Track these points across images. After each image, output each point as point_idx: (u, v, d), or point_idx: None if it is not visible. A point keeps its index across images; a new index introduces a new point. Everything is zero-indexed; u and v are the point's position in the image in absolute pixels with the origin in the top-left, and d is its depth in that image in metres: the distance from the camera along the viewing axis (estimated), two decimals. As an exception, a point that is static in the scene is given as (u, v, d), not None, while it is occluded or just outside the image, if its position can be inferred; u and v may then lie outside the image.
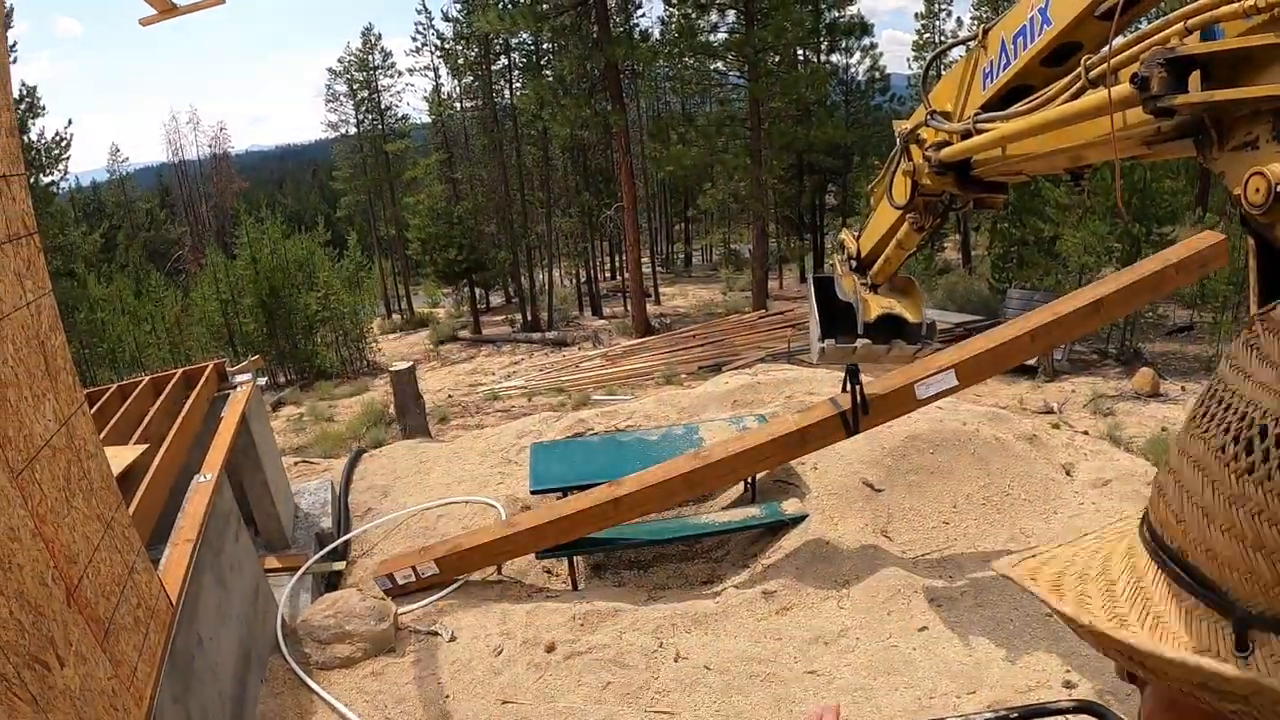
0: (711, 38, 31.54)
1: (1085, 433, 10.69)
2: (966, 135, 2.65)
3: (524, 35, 35.03)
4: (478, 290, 40.75)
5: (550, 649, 5.34)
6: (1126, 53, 1.53)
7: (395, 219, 45.78)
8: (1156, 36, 1.45)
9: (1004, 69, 2.50)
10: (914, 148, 3.17)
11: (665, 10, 33.60)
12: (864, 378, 5.70)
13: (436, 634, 5.66)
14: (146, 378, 7.04)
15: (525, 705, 4.85)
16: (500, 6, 32.27)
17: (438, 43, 39.40)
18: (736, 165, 31.93)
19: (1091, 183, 19.04)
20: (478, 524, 7.42)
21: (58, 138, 35.24)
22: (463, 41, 37.51)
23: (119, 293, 32.54)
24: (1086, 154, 2.06)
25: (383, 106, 45.76)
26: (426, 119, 44.56)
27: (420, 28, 46.67)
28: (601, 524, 6.25)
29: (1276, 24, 1.21)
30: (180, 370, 7.09)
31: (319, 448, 14.56)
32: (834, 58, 36.44)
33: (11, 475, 2.61)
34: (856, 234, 4.77)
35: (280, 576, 6.45)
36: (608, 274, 45.16)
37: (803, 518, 6.57)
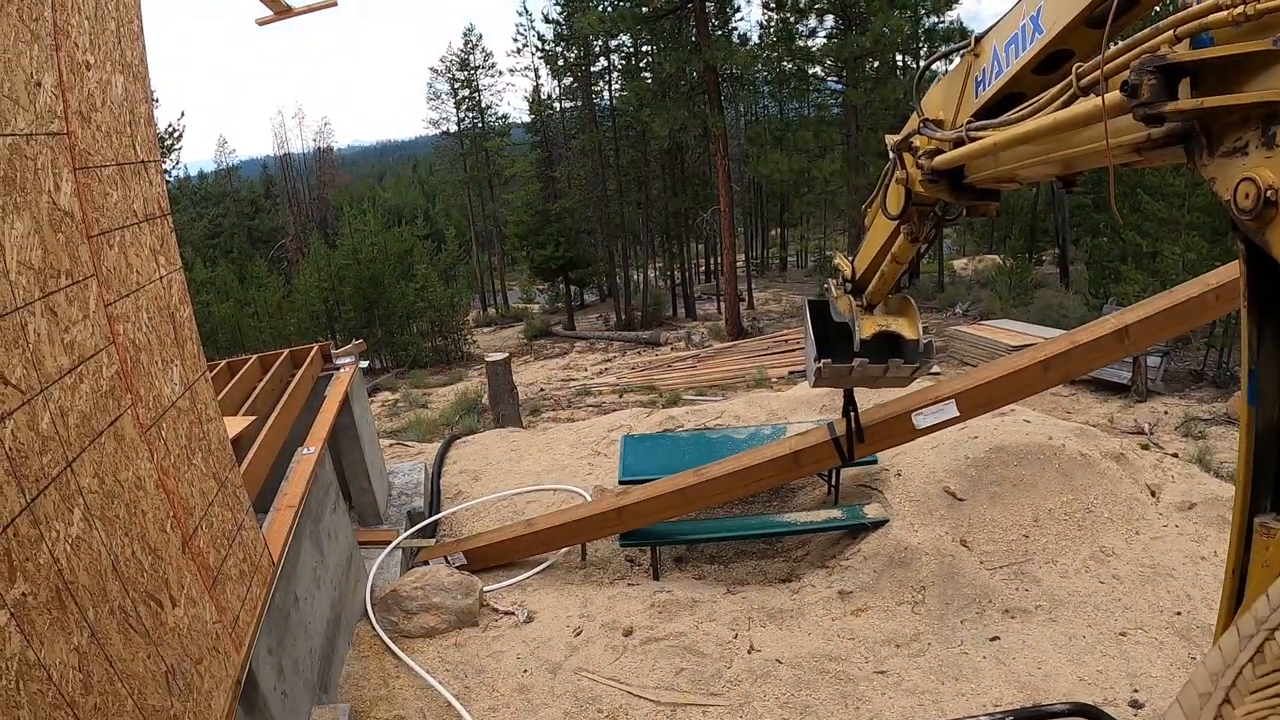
0: (809, 42, 31.40)
1: (1175, 455, 10.35)
2: (959, 143, 2.65)
3: (624, 37, 35.33)
4: (572, 287, 41.24)
5: (628, 633, 5.49)
6: (1117, 60, 1.55)
7: (493, 215, 46.59)
8: (1147, 45, 1.47)
9: (996, 76, 2.50)
10: (907, 156, 3.15)
11: (764, 14, 33.55)
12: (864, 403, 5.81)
13: (512, 613, 5.85)
14: (254, 356, 7.41)
15: (600, 683, 5.01)
16: (601, 9, 32.64)
17: (538, 44, 40.05)
18: (833, 171, 31.68)
19: (1193, 198, 18.40)
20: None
21: (170, 129, 36.86)
22: (563, 43, 37.99)
23: (223, 277, 33.90)
24: (1078, 161, 2.05)
25: (483, 105, 46.63)
26: (526, 118, 45.30)
27: (521, 29, 47.56)
28: (602, 532, 6.60)
29: (1265, 31, 1.24)
30: (287, 350, 7.45)
31: (413, 432, 15.01)
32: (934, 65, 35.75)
33: (141, 430, 2.88)
34: (850, 257, 4.75)
35: (371, 549, 6.73)
36: (702, 275, 45.17)
37: (883, 522, 6.57)
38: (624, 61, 37.61)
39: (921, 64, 3.32)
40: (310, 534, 5.08)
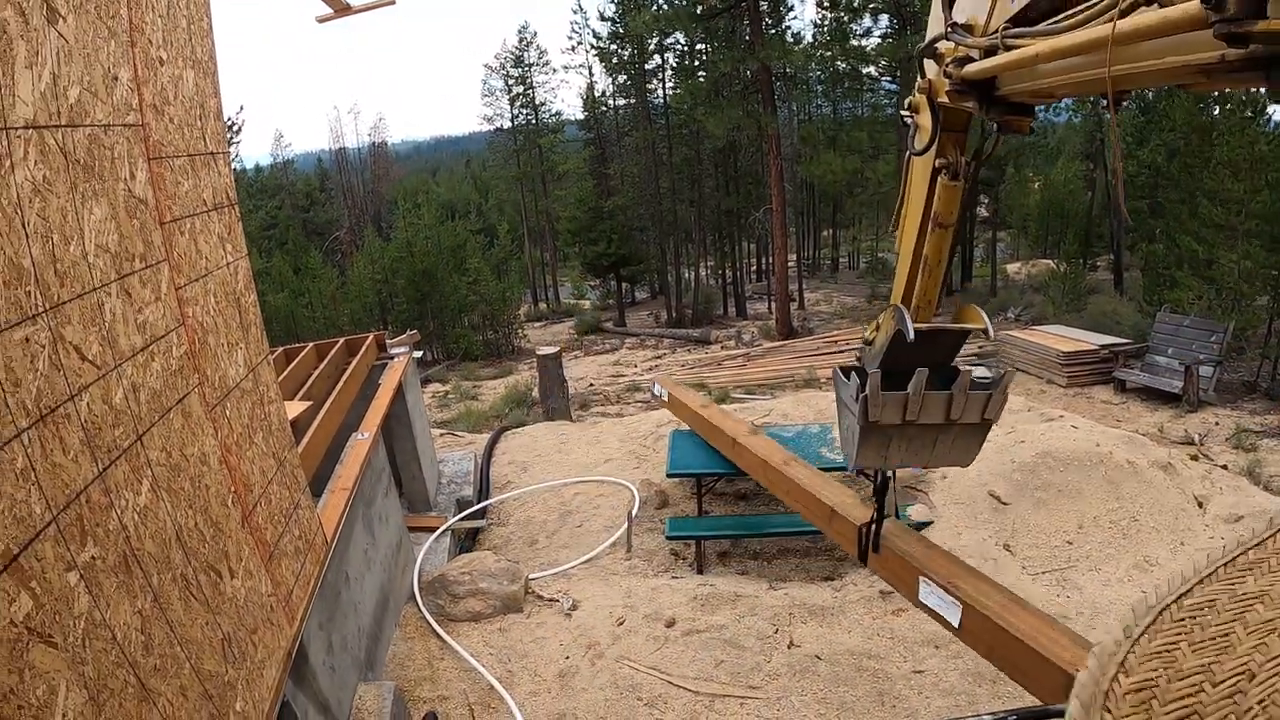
0: (863, 42, 31.18)
1: (1224, 467, 10.16)
2: (992, 51, 2.34)
3: (678, 36, 35.35)
4: (624, 284, 41.35)
5: (670, 624, 5.57)
6: None
7: (545, 211, 46.86)
8: None
9: None
10: (930, 63, 2.83)
11: (818, 13, 33.34)
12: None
13: (556, 601, 5.96)
14: (311, 344, 7.61)
15: (640, 671, 5.09)
16: (655, 8, 32.71)
17: (593, 41, 40.22)
18: (887, 172, 31.42)
19: (1251, 205, 17.80)
20: (611, 504, 7.73)
21: (230, 123, 37.65)
22: (617, 41, 38.10)
23: (279, 268, 34.51)
24: (1135, 79, 1.78)
25: (537, 102, 46.91)
26: (580, 115, 45.51)
27: (575, 27, 47.62)
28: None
29: None
30: (343, 339, 7.63)
31: (463, 423, 15.23)
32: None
33: (207, 409, 3.02)
34: (876, 321, 3.77)
35: (420, 535, 6.88)
36: (754, 275, 45.03)
37: (928, 524, 6.57)
38: (678, 60, 37.60)
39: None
40: (362, 516, 5.23)
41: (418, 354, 8.32)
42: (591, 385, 22.81)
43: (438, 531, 6.95)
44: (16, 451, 1.93)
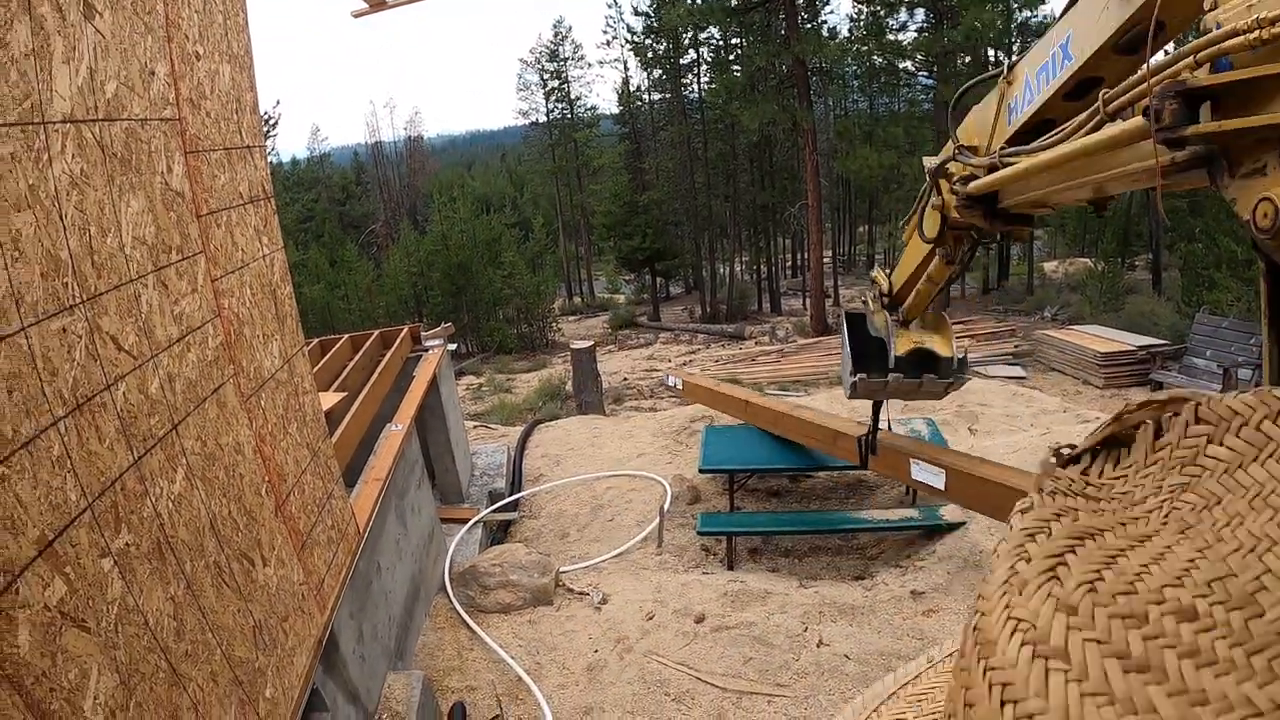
0: (900, 36, 30.91)
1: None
2: (993, 169, 2.67)
3: (712, 30, 35.25)
4: (658, 279, 41.37)
5: (699, 620, 5.57)
6: (1142, 87, 1.57)
7: (580, 205, 46.96)
8: (1169, 70, 1.49)
9: (1028, 103, 2.53)
10: (943, 182, 3.19)
11: (854, 7, 33.13)
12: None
13: (586, 595, 5.98)
14: (345, 336, 7.69)
15: (669, 666, 5.10)
16: (690, 2, 32.63)
17: (627, 36, 40.15)
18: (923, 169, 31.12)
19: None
20: (643, 498, 7.75)
21: (267, 116, 38.06)
22: (652, 35, 38.05)
23: (315, 261, 34.86)
24: (1108, 185, 2.10)
25: (572, 96, 46.98)
26: (615, 109, 45.56)
27: (610, 21, 47.55)
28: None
29: None
30: (378, 331, 7.70)
31: (496, 416, 15.31)
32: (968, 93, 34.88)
33: (242, 399, 3.06)
34: (888, 272, 4.75)
35: (452, 526, 6.94)
36: (789, 271, 44.86)
37: (960, 524, 6.52)
38: (713, 54, 37.51)
39: (957, 92, 3.29)
40: (395, 507, 5.28)
41: (452, 346, 8.38)
42: (625, 380, 22.85)
43: (470, 523, 7.00)
44: (53, 439, 1.97)
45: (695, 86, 38.54)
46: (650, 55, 38.84)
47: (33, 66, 2.04)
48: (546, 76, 46.93)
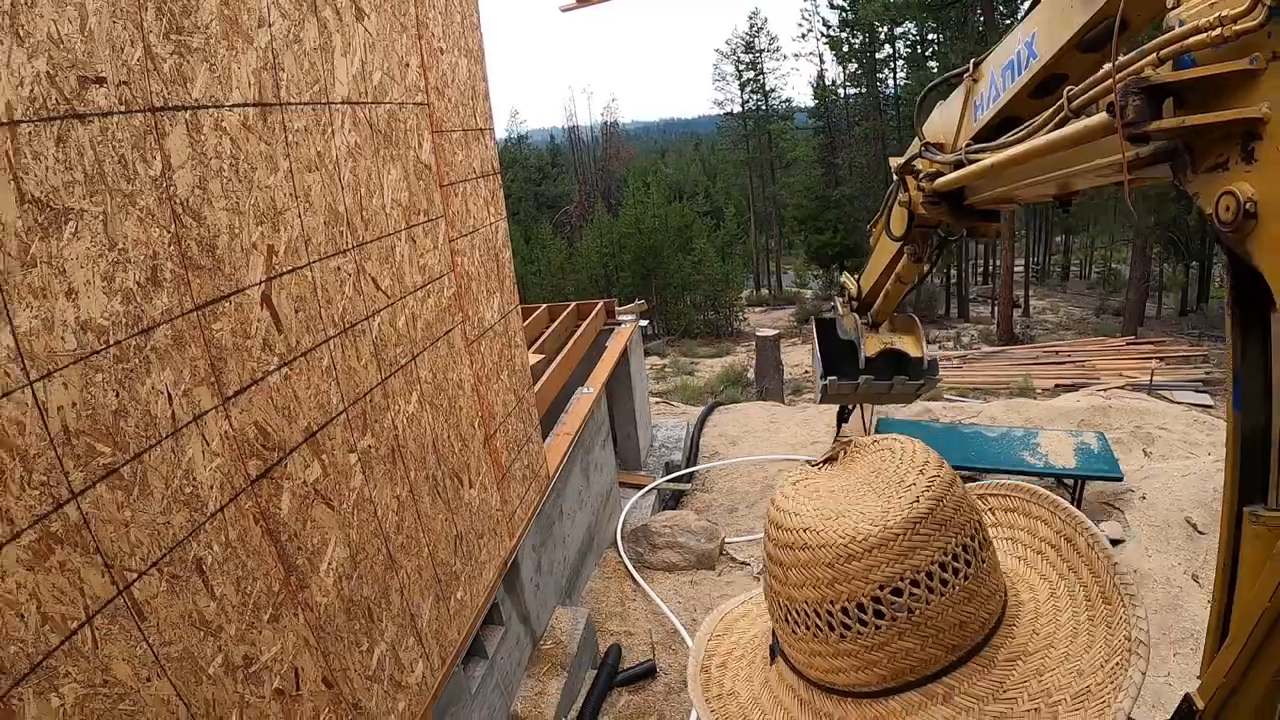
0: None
1: None
2: (959, 166, 2.67)
3: (908, 25, 34.41)
4: (847, 275, 40.85)
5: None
6: (1105, 84, 1.59)
7: (772, 197, 46.85)
8: (1132, 67, 1.52)
9: (994, 101, 2.53)
10: (909, 179, 3.18)
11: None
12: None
13: (748, 565, 6.33)
14: (544, 305, 8.29)
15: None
16: (886, -3, 32.06)
17: (823, 29, 39.67)
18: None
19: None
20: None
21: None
22: (847, 29, 37.48)
23: (511, 237, 36.38)
24: (1072, 181, 2.11)
25: (766, 88, 46.77)
26: (809, 102, 45.07)
27: (806, 14, 46.93)
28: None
29: (1244, 51, 1.29)
30: (574, 303, 8.27)
31: (678, 396, 15.80)
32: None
33: (467, 343, 3.60)
34: (857, 276, 4.72)
35: (627, 490, 7.42)
36: (979, 277, 43.34)
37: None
38: (909, 49, 36.63)
39: (923, 90, 3.24)
40: (580, 462, 5.80)
41: (644, 323, 8.85)
42: (806, 372, 22.88)
43: (645, 489, 7.46)
44: (324, 353, 2.50)
45: (891, 81, 37.73)
46: (846, 49, 38.27)
47: (320, 58, 2.57)
48: (742, 68, 46.92)
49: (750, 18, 46.50)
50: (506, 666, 4.37)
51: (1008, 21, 30.20)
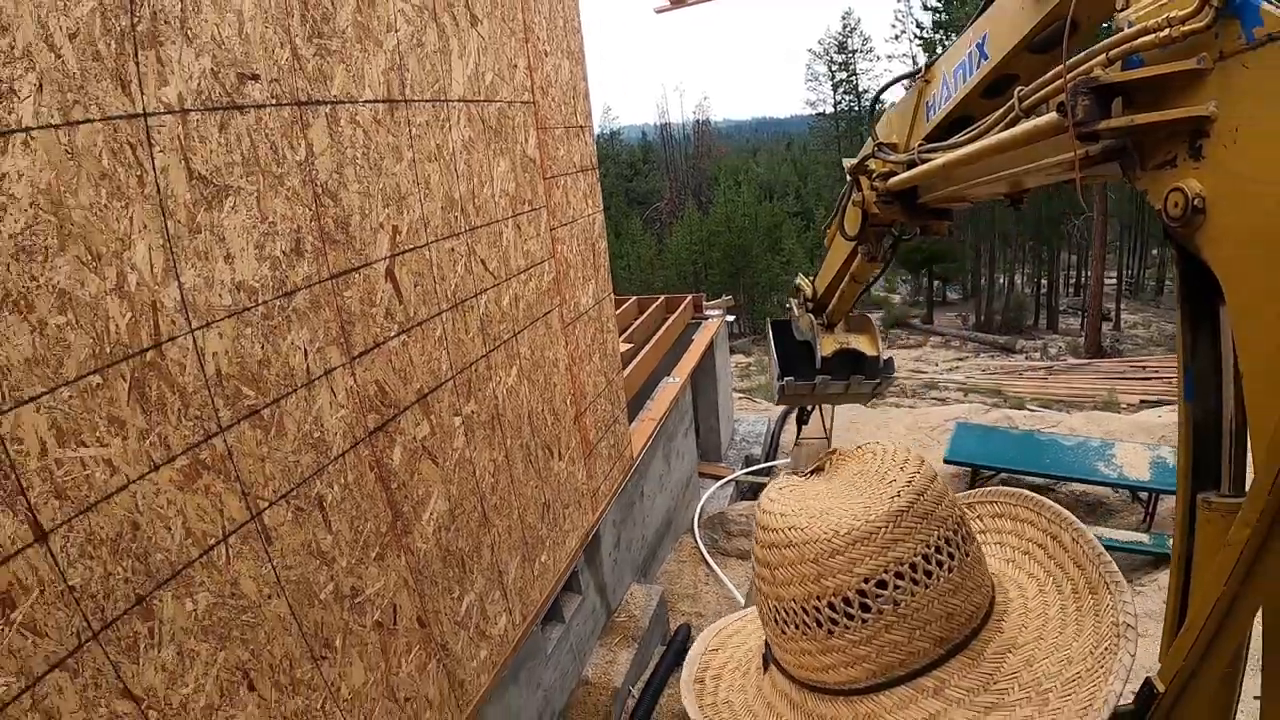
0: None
1: None
2: (911, 165, 2.69)
3: (1003, 27, 33.65)
4: (935, 282, 40.33)
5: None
6: (1056, 84, 1.62)
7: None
8: (1082, 67, 1.54)
9: (946, 101, 2.54)
10: (863, 179, 3.20)
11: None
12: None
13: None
14: (633, 298, 8.54)
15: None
16: (981, -4, 31.42)
17: (916, 31, 39.01)
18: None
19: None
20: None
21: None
22: (941, 30, 36.87)
23: (602, 229, 36.79)
24: (1023, 180, 2.14)
25: (859, 89, 46.21)
26: (902, 105, 44.35)
27: (899, 15, 46.14)
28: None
29: (1191, 51, 1.32)
30: (663, 296, 8.51)
31: (761, 393, 15.91)
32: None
33: (563, 325, 3.88)
34: (811, 277, 4.67)
35: (706, 480, 7.63)
36: (1071, 288, 42.22)
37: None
38: (1003, 53, 35.81)
39: (874, 91, 3.20)
40: (663, 447, 6.05)
41: (730, 318, 9.02)
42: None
43: (724, 480, 7.66)
44: (438, 325, 2.78)
45: (983, 85, 37.00)
46: (939, 51, 37.68)
47: (439, 60, 2.85)
48: (834, 68, 46.44)
49: (843, 18, 46.05)
50: (581, 633, 4.64)
51: (1105, 25, 29.46)
